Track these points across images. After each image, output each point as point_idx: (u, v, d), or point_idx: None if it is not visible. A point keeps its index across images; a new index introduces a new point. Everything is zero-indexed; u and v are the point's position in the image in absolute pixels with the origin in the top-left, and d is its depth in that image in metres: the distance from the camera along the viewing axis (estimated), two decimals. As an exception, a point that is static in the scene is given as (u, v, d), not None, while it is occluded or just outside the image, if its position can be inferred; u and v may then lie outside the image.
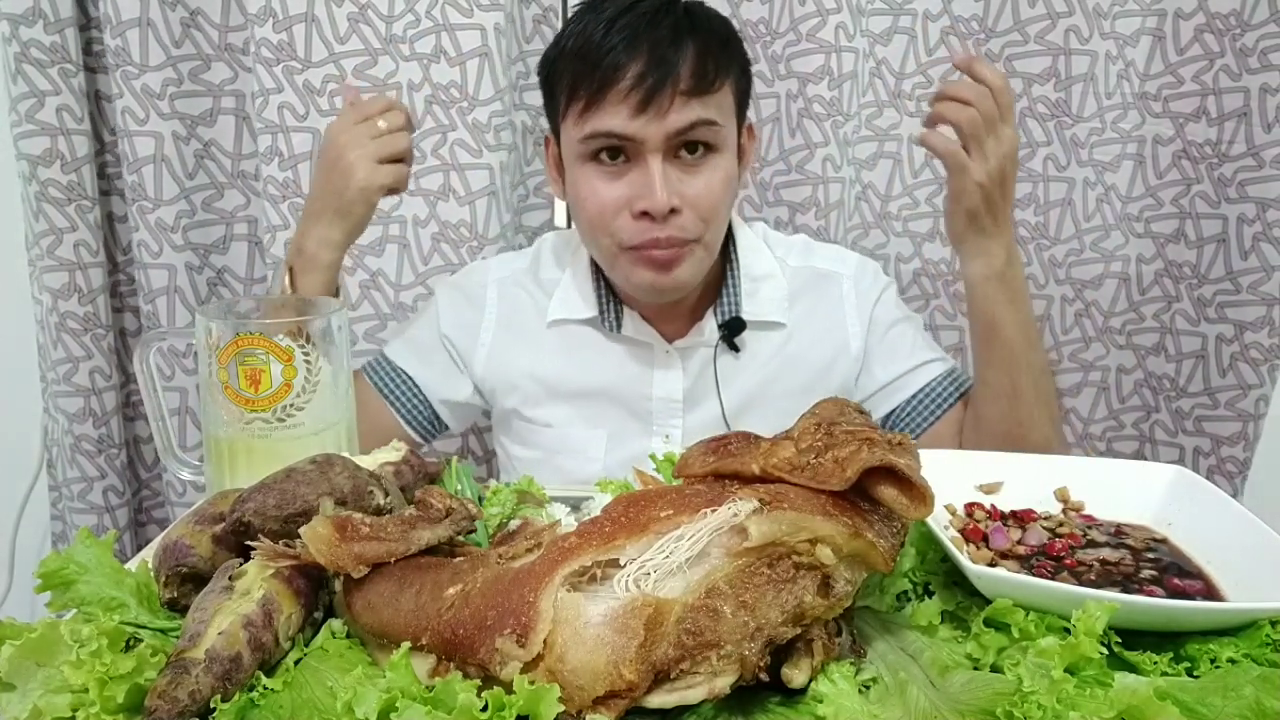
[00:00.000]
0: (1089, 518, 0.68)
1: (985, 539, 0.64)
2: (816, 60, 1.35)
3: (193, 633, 0.49)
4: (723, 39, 1.00)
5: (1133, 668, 0.51)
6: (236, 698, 0.48)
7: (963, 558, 0.56)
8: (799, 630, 0.49)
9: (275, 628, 0.52)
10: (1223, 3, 1.30)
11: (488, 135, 1.35)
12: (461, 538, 0.60)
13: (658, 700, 0.47)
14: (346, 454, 0.66)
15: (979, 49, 1.38)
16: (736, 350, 1.12)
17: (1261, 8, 1.28)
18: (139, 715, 0.46)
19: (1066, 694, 0.46)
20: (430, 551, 0.56)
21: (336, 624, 0.57)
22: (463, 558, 0.56)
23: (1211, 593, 0.58)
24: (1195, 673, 0.51)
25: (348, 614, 0.55)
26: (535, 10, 1.38)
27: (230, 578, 0.54)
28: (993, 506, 0.69)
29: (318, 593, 0.57)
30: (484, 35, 1.31)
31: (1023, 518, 0.67)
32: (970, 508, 0.69)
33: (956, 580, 0.59)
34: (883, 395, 1.15)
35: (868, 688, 0.51)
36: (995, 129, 0.93)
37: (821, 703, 0.49)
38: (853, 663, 0.52)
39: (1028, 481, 0.70)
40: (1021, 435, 1.01)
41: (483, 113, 1.34)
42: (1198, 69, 1.34)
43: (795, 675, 0.49)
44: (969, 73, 0.95)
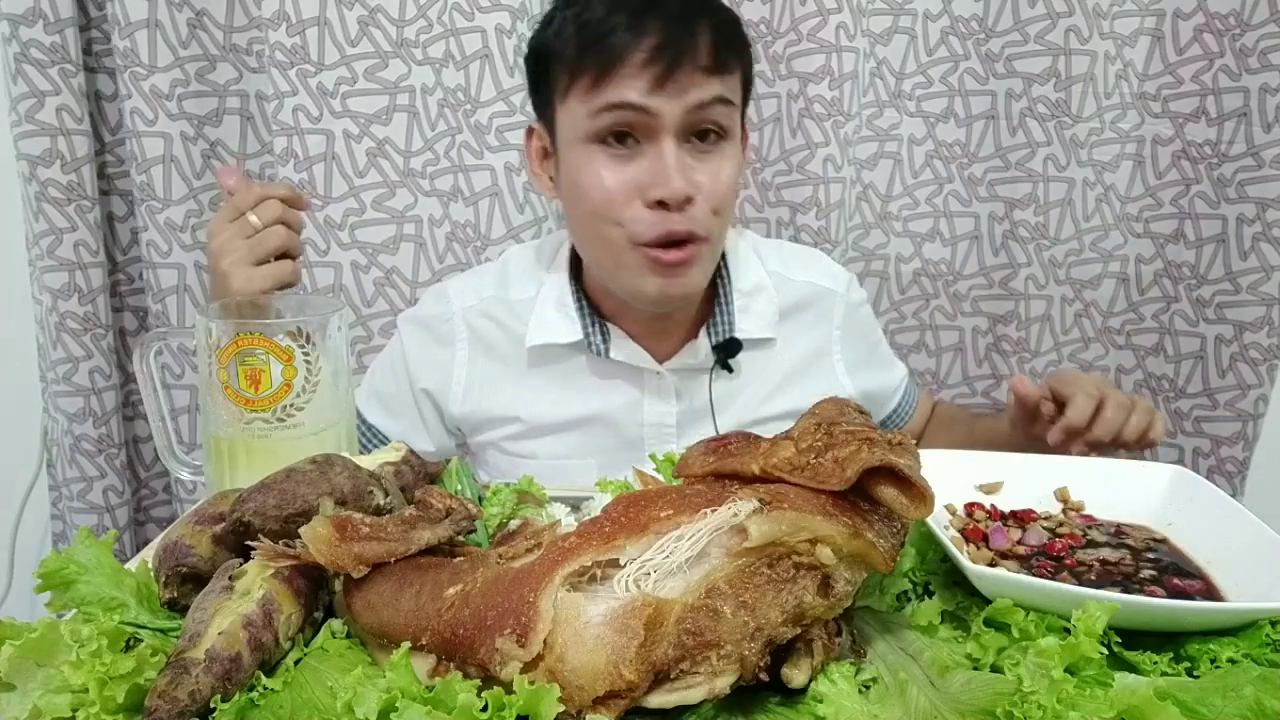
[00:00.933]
0: (1089, 518, 0.68)
1: (985, 539, 0.64)
2: (817, 60, 1.35)
3: (193, 633, 0.49)
4: (732, 23, 0.96)
5: (1133, 668, 0.51)
6: (236, 698, 0.48)
7: (963, 558, 0.56)
8: (799, 630, 0.49)
9: (275, 628, 0.52)
10: (1222, 3, 1.30)
11: (489, 137, 1.36)
12: (461, 538, 0.59)
13: (658, 700, 0.47)
14: (346, 454, 0.66)
15: (979, 49, 1.38)
16: (731, 371, 1.07)
17: (1261, 8, 1.29)
18: (139, 715, 0.46)
19: (1066, 694, 0.46)
20: (430, 551, 0.56)
21: (336, 624, 0.57)
22: (463, 558, 0.56)
23: (1211, 593, 0.58)
24: (1195, 673, 0.51)
25: (348, 614, 0.55)
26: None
27: (230, 578, 0.54)
28: (993, 506, 0.69)
29: (318, 593, 0.57)
30: (485, 38, 1.32)
31: (1023, 518, 0.67)
32: (970, 508, 0.69)
33: (956, 580, 0.59)
34: (872, 409, 1.16)
35: (868, 688, 0.51)
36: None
37: (821, 703, 0.49)
38: (853, 663, 0.52)
39: (1028, 481, 0.70)
40: None
41: (484, 114, 1.35)
42: (1197, 69, 1.34)
43: (795, 675, 0.49)
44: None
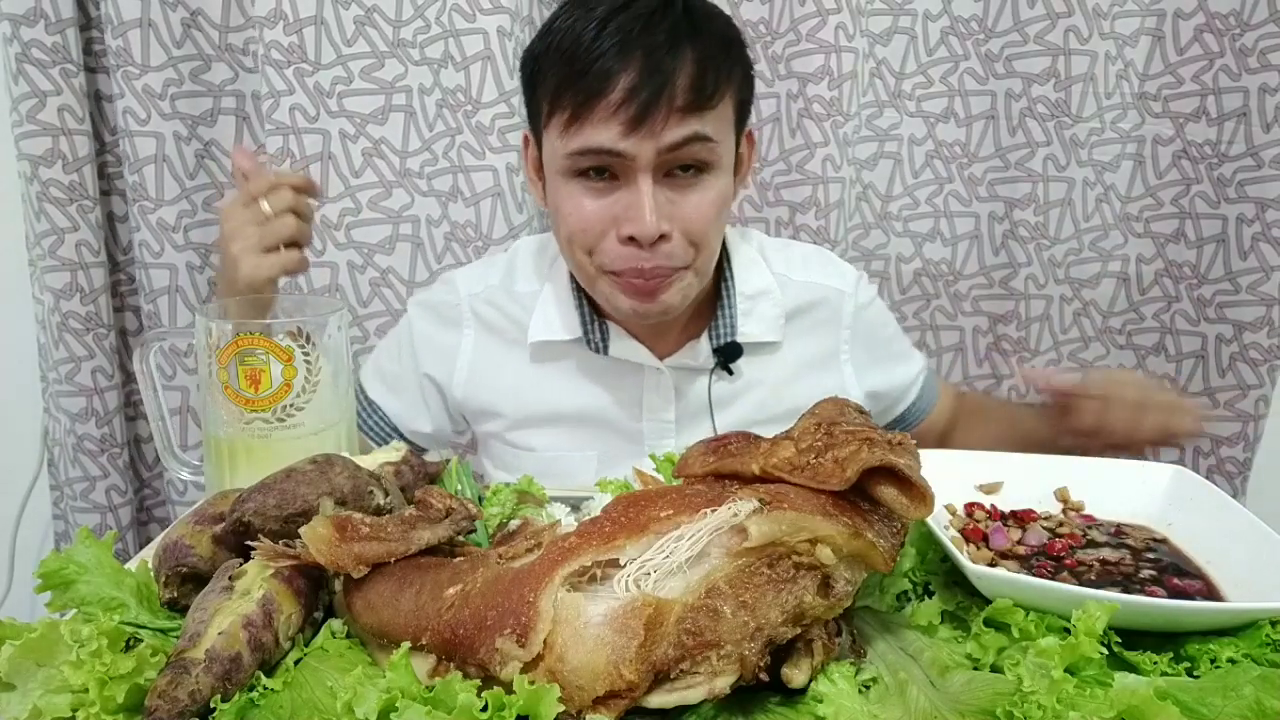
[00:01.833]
0: (1089, 518, 0.68)
1: (985, 539, 0.64)
2: (816, 60, 1.35)
3: (193, 633, 0.49)
4: (724, 43, 0.92)
5: (1133, 668, 0.51)
6: (236, 698, 0.48)
7: (963, 558, 0.56)
8: (799, 630, 0.49)
9: (275, 628, 0.52)
10: (1222, 3, 1.31)
11: (491, 138, 1.36)
12: (461, 538, 0.60)
13: (658, 700, 0.47)
14: (346, 454, 0.66)
15: (979, 49, 1.38)
16: (731, 374, 1.06)
17: (1261, 8, 1.29)
18: (139, 715, 0.46)
19: (1066, 694, 0.46)
20: (430, 551, 0.56)
21: (336, 624, 0.57)
22: (463, 558, 0.56)
23: (1211, 593, 0.58)
24: (1195, 673, 0.51)
25: (348, 614, 0.55)
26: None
27: (230, 578, 0.54)
28: (993, 506, 0.69)
29: (318, 593, 0.57)
30: (486, 39, 1.32)
31: (1023, 518, 0.67)
32: (970, 508, 0.69)
33: (956, 580, 0.59)
34: (885, 406, 1.15)
35: (868, 688, 0.51)
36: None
37: (821, 703, 0.49)
38: (853, 663, 0.52)
39: (1028, 481, 0.70)
40: None
41: (486, 115, 1.35)
42: (1197, 69, 1.34)
43: (795, 675, 0.49)
44: None
